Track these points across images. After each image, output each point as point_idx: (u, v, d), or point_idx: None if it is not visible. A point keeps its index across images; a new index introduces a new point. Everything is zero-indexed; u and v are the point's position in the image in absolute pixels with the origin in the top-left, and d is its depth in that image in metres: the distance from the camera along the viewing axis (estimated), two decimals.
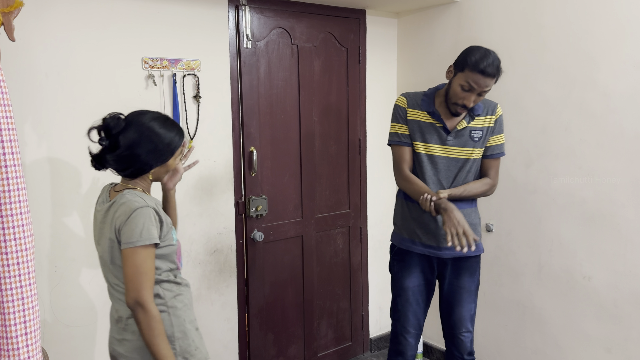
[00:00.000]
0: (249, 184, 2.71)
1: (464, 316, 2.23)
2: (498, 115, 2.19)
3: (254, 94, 2.69)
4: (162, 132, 1.61)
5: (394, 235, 2.33)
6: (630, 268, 2.29)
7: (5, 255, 1.42)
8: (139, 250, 1.51)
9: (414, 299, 2.25)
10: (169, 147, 1.63)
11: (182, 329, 1.64)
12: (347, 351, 3.26)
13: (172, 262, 1.66)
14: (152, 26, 2.33)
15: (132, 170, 1.61)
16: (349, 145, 3.11)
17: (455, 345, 2.27)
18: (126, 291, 1.52)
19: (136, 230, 1.51)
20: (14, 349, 1.44)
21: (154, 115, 1.63)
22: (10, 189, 1.42)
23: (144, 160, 1.60)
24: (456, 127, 2.14)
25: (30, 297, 1.46)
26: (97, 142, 1.60)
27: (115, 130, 1.57)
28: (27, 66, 2.06)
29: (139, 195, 1.58)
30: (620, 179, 2.29)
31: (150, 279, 1.53)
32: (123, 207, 1.55)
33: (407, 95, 2.22)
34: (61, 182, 2.17)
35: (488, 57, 1.98)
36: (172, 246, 1.64)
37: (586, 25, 2.35)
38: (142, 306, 1.50)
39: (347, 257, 3.18)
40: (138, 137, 1.57)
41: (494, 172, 2.21)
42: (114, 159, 1.59)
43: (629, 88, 2.24)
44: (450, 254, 2.18)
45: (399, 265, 2.28)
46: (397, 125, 2.21)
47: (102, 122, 1.60)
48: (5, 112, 1.41)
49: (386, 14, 3.20)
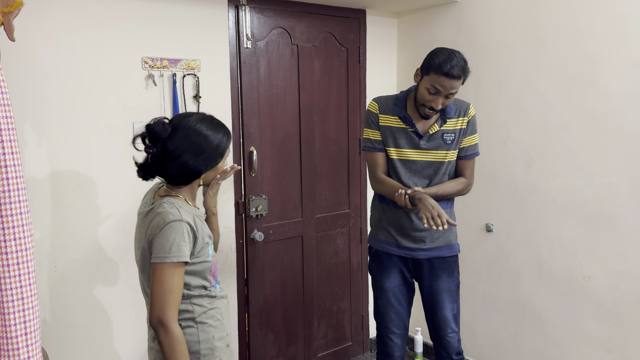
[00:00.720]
0: (249, 184, 2.71)
1: (447, 317, 2.23)
2: (470, 116, 2.18)
3: (254, 94, 2.69)
4: (210, 134, 1.53)
5: (371, 237, 2.35)
6: (630, 268, 2.29)
7: (5, 255, 1.42)
8: (167, 267, 1.44)
9: (395, 299, 2.26)
10: (218, 149, 1.56)
11: (209, 346, 1.57)
12: (347, 351, 3.25)
13: (205, 279, 1.59)
14: (152, 26, 2.33)
15: (182, 179, 1.54)
16: (349, 145, 3.11)
17: (442, 347, 2.26)
18: (150, 308, 1.46)
19: (166, 245, 1.44)
20: (14, 349, 1.44)
21: (200, 117, 1.56)
22: (10, 189, 1.42)
23: (193, 166, 1.52)
24: (428, 131, 2.13)
25: (30, 297, 1.46)
26: (143, 151, 1.52)
27: (162, 136, 1.50)
28: (27, 66, 2.06)
29: (177, 207, 1.50)
30: (620, 179, 2.29)
31: (175, 297, 1.46)
32: (158, 217, 1.48)
33: (379, 101, 2.21)
34: (61, 182, 2.17)
35: (452, 59, 1.96)
36: (206, 263, 1.57)
37: (586, 24, 2.35)
38: (165, 326, 1.44)
39: (347, 257, 3.18)
40: (186, 141, 1.50)
41: (469, 171, 2.22)
42: (162, 167, 1.52)
43: (629, 88, 2.23)
44: (425, 254, 2.19)
45: (377, 267, 2.30)
46: (370, 132, 2.21)
47: (146, 128, 1.52)
48: (5, 112, 1.41)
49: (386, 14, 3.20)
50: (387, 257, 2.26)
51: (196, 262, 1.54)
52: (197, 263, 1.54)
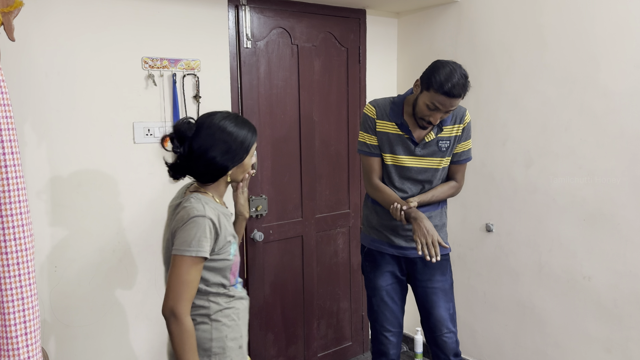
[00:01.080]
0: (249, 184, 2.71)
1: (443, 316, 2.22)
2: (466, 123, 2.17)
3: (254, 94, 2.69)
4: (235, 131, 1.57)
5: (363, 236, 2.35)
6: (630, 268, 2.29)
7: (5, 255, 1.42)
8: (186, 260, 1.47)
9: (389, 298, 2.26)
10: (243, 145, 1.58)
11: (221, 345, 1.58)
12: (347, 351, 3.26)
13: (225, 277, 1.60)
14: (151, 26, 2.33)
15: (210, 176, 1.58)
16: (349, 145, 3.11)
17: (439, 348, 2.24)
18: (164, 298, 1.49)
19: (188, 239, 1.47)
20: (14, 349, 1.44)
21: (224, 115, 1.59)
22: (10, 189, 1.42)
23: (219, 163, 1.56)
24: (424, 139, 2.14)
25: (30, 297, 1.46)
26: (171, 151, 1.57)
27: (188, 135, 1.55)
28: (27, 66, 2.06)
29: (203, 202, 1.53)
30: (620, 179, 2.29)
31: (190, 290, 1.48)
32: (183, 211, 1.52)
33: (376, 105, 2.19)
34: (61, 182, 2.17)
35: (453, 77, 1.91)
36: (226, 261, 1.59)
37: (586, 24, 2.35)
38: (177, 317, 1.46)
39: (347, 257, 3.18)
40: (211, 138, 1.54)
41: (460, 175, 2.24)
42: (190, 166, 1.57)
43: (629, 88, 2.24)
44: (417, 253, 2.18)
45: (370, 265, 2.30)
46: (367, 136, 2.19)
47: (173, 129, 1.57)
48: (5, 112, 1.41)
49: (386, 13, 3.20)
50: (380, 256, 2.26)
51: (216, 259, 1.56)
52: (218, 260, 1.56)
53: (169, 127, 2.40)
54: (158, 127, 2.38)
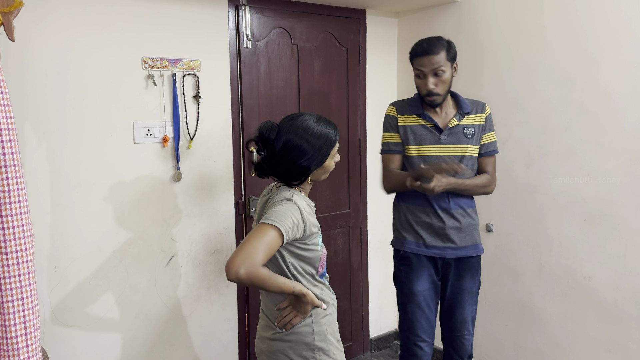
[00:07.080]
0: (249, 184, 2.71)
1: (466, 318, 2.21)
2: (487, 113, 2.22)
3: (254, 94, 2.69)
4: (316, 133, 1.62)
5: (396, 240, 2.29)
6: (630, 268, 2.29)
7: (5, 255, 1.42)
8: (267, 227, 1.49)
9: (425, 304, 2.19)
10: (323, 148, 1.64)
11: (322, 338, 1.66)
12: (347, 351, 3.25)
13: (313, 266, 1.66)
14: (151, 26, 2.33)
15: (291, 177, 1.64)
16: (349, 145, 3.11)
17: (455, 349, 2.24)
18: (236, 252, 1.45)
19: (275, 214, 1.52)
20: (14, 349, 1.44)
21: (305, 117, 1.65)
22: (10, 189, 1.42)
23: (301, 164, 1.61)
24: (448, 125, 2.16)
25: (30, 297, 1.46)
26: (256, 153, 1.65)
27: (270, 138, 1.62)
28: (27, 66, 2.06)
29: (292, 192, 1.62)
30: (620, 179, 2.29)
31: (267, 251, 1.47)
32: (276, 196, 1.61)
33: (395, 104, 2.28)
34: (61, 182, 2.17)
35: (423, 40, 2.10)
36: (315, 251, 1.64)
37: (586, 24, 2.35)
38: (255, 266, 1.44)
39: (347, 257, 3.18)
40: (292, 141, 1.60)
41: (491, 168, 2.24)
42: (273, 167, 1.64)
43: (629, 88, 2.23)
44: (454, 253, 2.17)
45: (406, 269, 2.23)
46: (388, 135, 2.24)
47: (257, 132, 1.65)
48: (5, 112, 1.42)
49: (386, 13, 3.20)
50: (416, 259, 2.20)
51: (307, 249, 1.62)
52: (308, 250, 1.62)
53: (168, 127, 2.40)
54: (158, 127, 2.38)
